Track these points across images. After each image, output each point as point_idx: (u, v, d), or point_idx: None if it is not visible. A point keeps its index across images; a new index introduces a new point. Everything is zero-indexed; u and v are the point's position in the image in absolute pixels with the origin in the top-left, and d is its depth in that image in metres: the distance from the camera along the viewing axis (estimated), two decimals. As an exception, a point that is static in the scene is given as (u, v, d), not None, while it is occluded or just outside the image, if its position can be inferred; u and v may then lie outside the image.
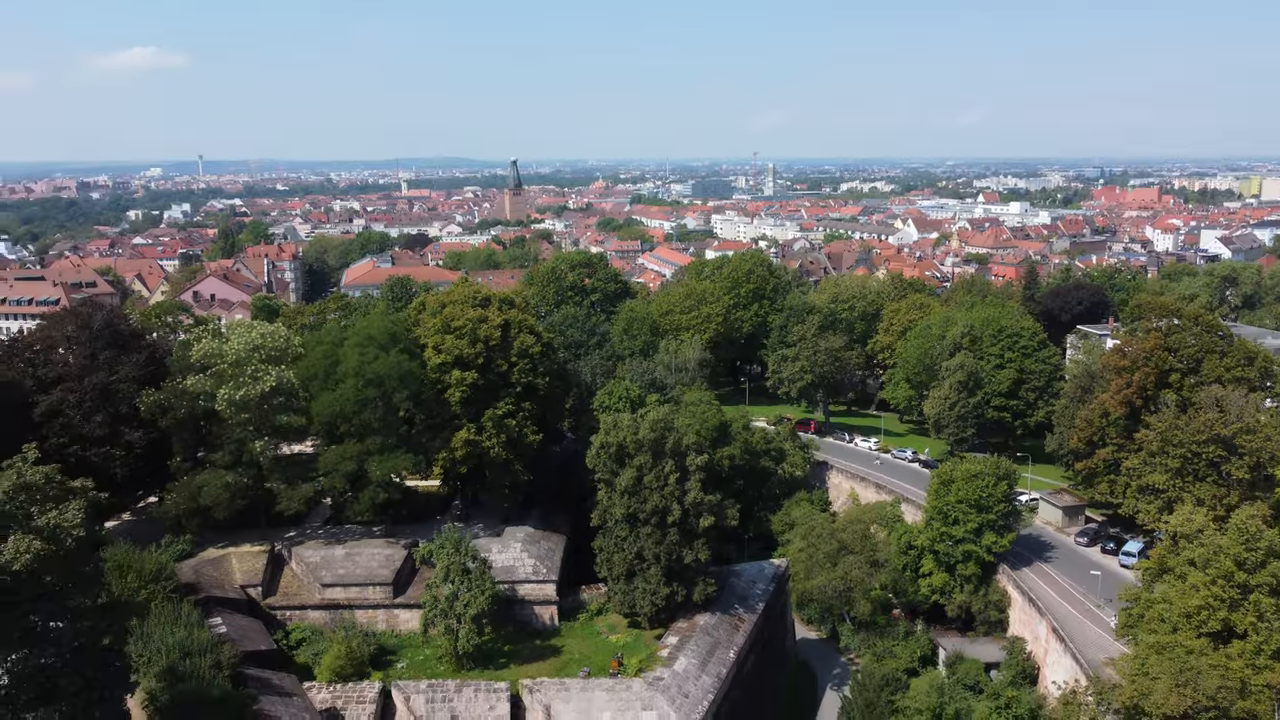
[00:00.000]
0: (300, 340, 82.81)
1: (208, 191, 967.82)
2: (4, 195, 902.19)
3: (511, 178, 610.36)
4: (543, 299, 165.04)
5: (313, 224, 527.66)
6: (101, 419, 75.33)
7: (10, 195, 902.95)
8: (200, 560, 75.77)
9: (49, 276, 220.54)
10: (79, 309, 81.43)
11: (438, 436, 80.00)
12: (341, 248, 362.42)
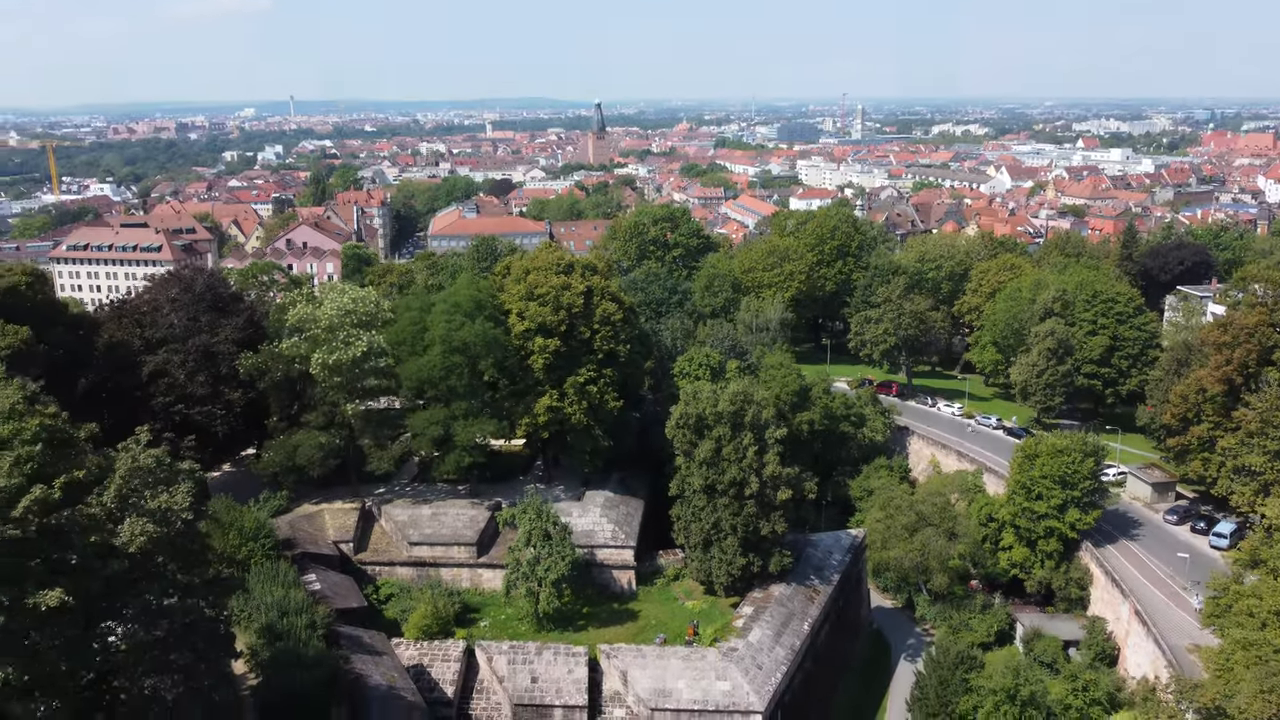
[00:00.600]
0: (390, 305, 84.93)
1: (299, 132, 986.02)
2: (109, 136, 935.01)
3: (595, 122, 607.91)
4: (625, 254, 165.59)
5: (400, 167, 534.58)
6: (204, 379, 78.90)
7: (114, 136, 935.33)
8: (296, 516, 79.35)
9: (151, 223, 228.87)
10: (182, 272, 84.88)
11: (521, 402, 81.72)
12: (428, 193, 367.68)
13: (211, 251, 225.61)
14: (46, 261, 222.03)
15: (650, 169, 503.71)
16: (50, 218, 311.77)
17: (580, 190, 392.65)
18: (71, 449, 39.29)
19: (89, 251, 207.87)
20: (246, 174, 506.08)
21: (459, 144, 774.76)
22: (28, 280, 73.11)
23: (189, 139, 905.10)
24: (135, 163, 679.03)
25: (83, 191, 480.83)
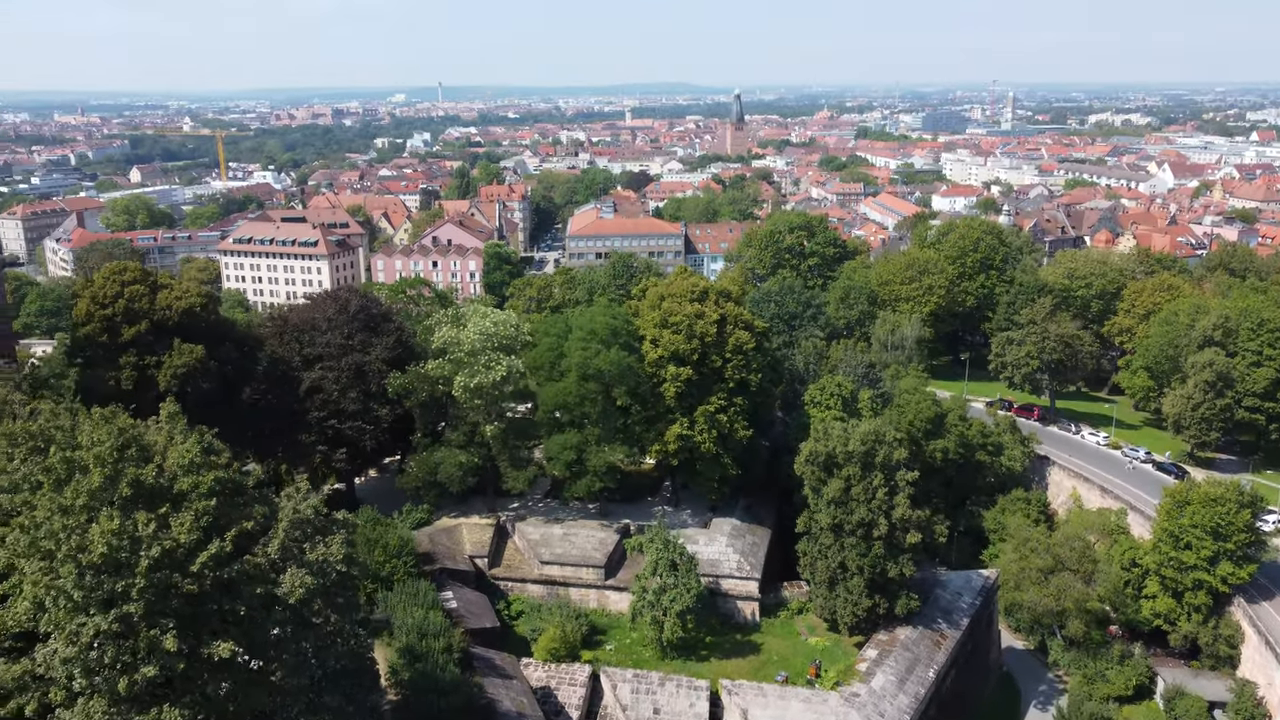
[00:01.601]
0: (529, 328, 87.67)
1: (445, 119, 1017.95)
2: (271, 122, 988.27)
3: (734, 112, 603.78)
4: (760, 262, 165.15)
5: (540, 157, 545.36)
6: (355, 395, 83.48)
7: (276, 122, 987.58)
8: (436, 529, 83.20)
9: (309, 217, 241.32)
10: (338, 293, 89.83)
11: (652, 428, 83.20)
12: (567, 184, 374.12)
13: (363, 246, 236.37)
14: (215, 252, 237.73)
15: (788, 161, 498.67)
16: (218, 206, 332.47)
17: (717, 184, 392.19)
18: (241, 497, 42.68)
19: (252, 245, 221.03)
20: (396, 162, 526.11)
21: (598, 132, 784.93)
22: (203, 302, 78.82)
23: (343, 125, 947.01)
24: (294, 149, 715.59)
25: (247, 178, 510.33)
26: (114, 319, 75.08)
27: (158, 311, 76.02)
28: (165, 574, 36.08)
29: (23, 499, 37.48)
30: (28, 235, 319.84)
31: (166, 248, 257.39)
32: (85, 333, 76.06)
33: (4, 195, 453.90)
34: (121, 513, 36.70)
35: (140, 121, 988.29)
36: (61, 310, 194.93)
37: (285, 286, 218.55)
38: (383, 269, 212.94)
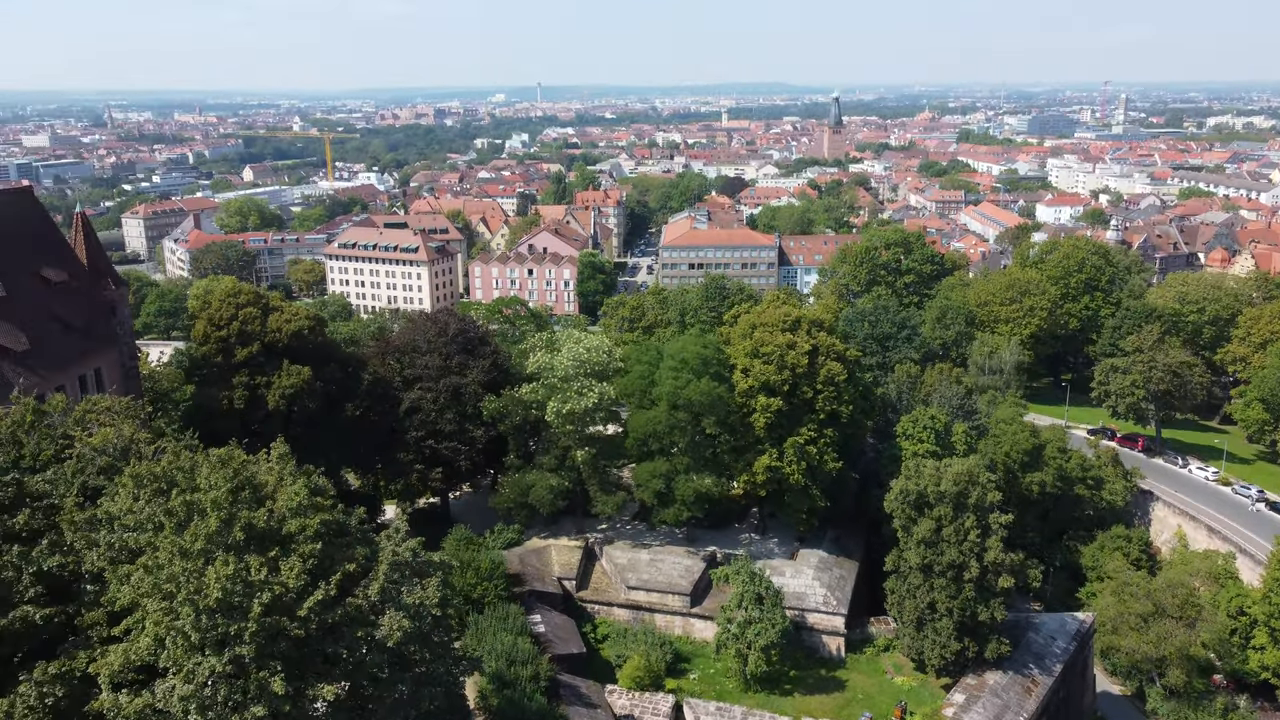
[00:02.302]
0: (620, 354, 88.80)
1: (544, 119, 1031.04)
2: (376, 122, 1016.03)
3: (832, 115, 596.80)
4: (854, 279, 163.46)
5: (636, 160, 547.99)
6: (452, 416, 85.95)
7: (380, 122, 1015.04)
8: (526, 549, 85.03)
9: (410, 223, 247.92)
10: (438, 316, 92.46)
11: (741, 458, 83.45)
12: (662, 189, 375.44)
13: (461, 252, 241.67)
14: (321, 255, 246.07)
15: (886, 166, 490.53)
16: (324, 208, 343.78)
17: (812, 189, 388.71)
18: (344, 537, 44.59)
19: (356, 250, 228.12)
20: (494, 164, 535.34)
21: (694, 134, 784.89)
22: (310, 325, 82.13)
23: (445, 124, 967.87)
24: (397, 149, 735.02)
25: (352, 178, 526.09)
26: (228, 340, 78.85)
27: (269, 334, 79.51)
28: (275, 618, 38.02)
29: (147, 539, 39.90)
30: (148, 233, 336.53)
31: (275, 249, 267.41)
32: (202, 353, 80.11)
33: (127, 194, 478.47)
34: (235, 556, 38.80)
35: (253, 121, 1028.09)
36: (177, 311, 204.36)
37: (386, 291, 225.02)
38: (479, 276, 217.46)
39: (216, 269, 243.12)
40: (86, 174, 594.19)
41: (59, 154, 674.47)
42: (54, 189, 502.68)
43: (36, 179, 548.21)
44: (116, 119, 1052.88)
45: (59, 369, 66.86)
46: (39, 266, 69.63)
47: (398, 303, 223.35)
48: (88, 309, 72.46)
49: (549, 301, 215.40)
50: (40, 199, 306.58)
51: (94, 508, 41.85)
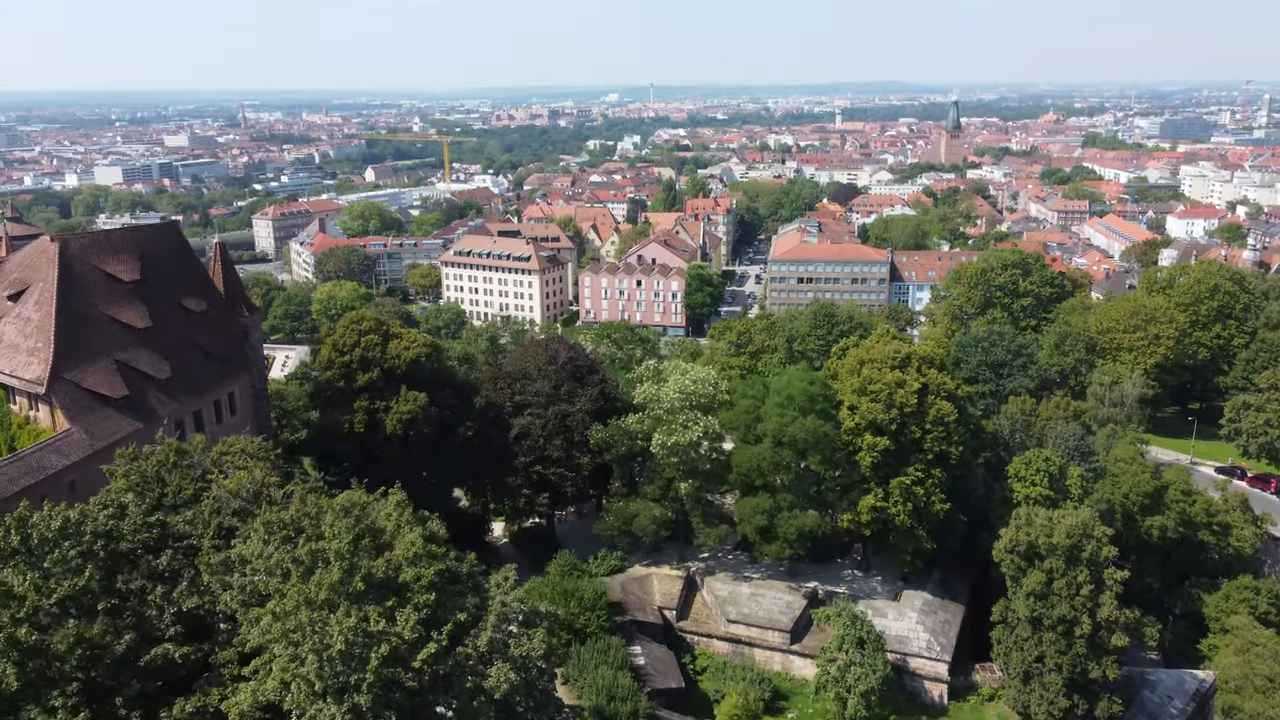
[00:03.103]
0: (727, 386, 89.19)
1: (656, 120, 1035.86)
2: (492, 122, 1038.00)
3: (949, 119, 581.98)
4: (969, 300, 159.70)
5: (747, 164, 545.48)
6: (560, 443, 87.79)
7: (496, 122, 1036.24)
8: (628, 577, 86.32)
9: (523, 229, 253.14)
10: (549, 343, 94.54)
11: (845, 497, 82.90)
12: (772, 195, 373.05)
13: (571, 261, 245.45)
14: (437, 261, 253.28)
15: (1006, 172, 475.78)
16: (442, 212, 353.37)
17: (927, 196, 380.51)
18: (456, 585, 46.47)
19: (471, 258, 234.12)
20: (606, 166, 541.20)
21: (806, 135, 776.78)
22: (427, 352, 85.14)
23: (558, 125, 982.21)
24: (512, 150, 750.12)
25: (469, 180, 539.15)
26: (351, 366, 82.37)
27: (388, 360, 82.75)
28: (391, 670, 40.03)
29: (275, 585, 42.44)
30: (276, 234, 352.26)
31: (394, 254, 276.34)
32: (326, 378, 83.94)
33: (258, 193, 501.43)
34: (356, 607, 40.95)
35: (376, 121, 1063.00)
36: (302, 314, 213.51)
37: (499, 299, 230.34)
38: (589, 286, 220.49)
39: (338, 273, 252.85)
40: (221, 173, 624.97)
41: (196, 153, 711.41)
42: (191, 188, 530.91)
43: (176, 177, 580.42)
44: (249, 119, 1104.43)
45: (197, 395, 71.14)
46: (181, 297, 74.17)
47: (509, 310, 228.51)
48: (224, 336, 76.83)
49: (656, 313, 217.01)
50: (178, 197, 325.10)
51: (228, 550, 44.71)
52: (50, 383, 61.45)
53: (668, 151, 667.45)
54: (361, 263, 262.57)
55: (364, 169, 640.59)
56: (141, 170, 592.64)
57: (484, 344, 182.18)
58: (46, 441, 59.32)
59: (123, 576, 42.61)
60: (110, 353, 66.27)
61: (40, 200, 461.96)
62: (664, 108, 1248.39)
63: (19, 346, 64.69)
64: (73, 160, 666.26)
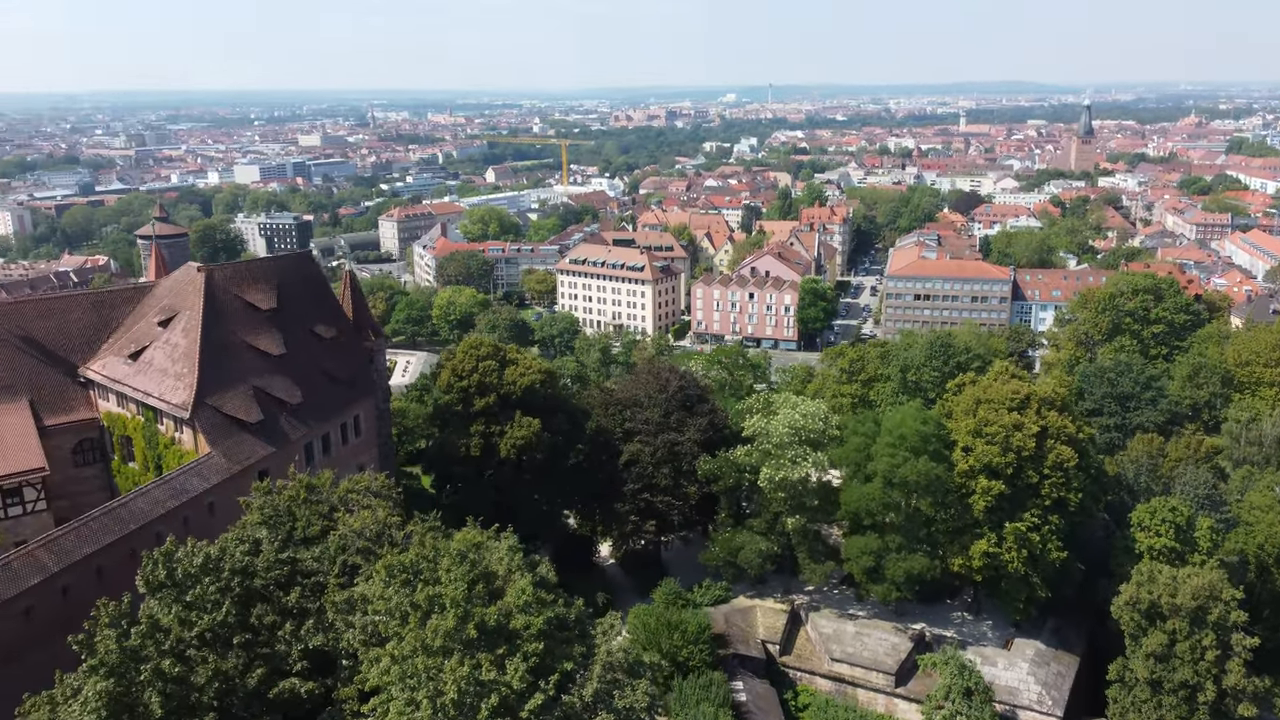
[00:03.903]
0: (837, 421, 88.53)
1: (773, 122, 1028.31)
2: (610, 123, 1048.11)
3: (1081, 124, 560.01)
4: (1095, 326, 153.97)
5: (865, 169, 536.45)
6: (668, 471, 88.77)
7: (614, 123, 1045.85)
8: (732, 608, 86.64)
9: (638, 238, 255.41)
10: (660, 371, 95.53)
11: (956, 541, 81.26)
12: (891, 204, 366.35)
13: (685, 271, 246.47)
14: (553, 268, 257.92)
15: (1141, 180, 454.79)
16: (559, 217, 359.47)
17: (1054, 206, 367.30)
18: (564, 631, 47.80)
19: (585, 266, 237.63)
20: (721, 170, 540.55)
21: (928, 138, 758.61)
22: (542, 379, 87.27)
23: (675, 127, 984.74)
24: (629, 151, 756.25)
25: (585, 183, 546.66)
26: (469, 390, 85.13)
27: (505, 386, 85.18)
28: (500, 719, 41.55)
29: (394, 627, 44.52)
30: (400, 235, 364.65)
31: (512, 259, 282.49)
32: (445, 401, 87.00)
33: (384, 193, 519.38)
34: (469, 655, 42.65)
35: (497, 121, 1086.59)
36: (423, 319, 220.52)
37: (611, 307, 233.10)
38: (700, 297, 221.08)
39: (458, 277, 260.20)
40: (350, 172, 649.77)
41: (327, 153, 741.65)
42: (322, 187, 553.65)
43: (308, 176, 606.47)
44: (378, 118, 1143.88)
45: (325, 419, 74.78)
46: (313, 324, 78.04)
47: (621, 319, 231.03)
48: (351, 361, 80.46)
49: (768, 326, 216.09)
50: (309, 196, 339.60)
51: (351, 589, 47.11)
52: (194, 408, 65.65)
53: (784, 154, 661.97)
54: (480, 268, 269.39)
55: (485, 169, 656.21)
56: (276, 169, 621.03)
57: (596, 355, 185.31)
58: (189, 465, 63.41)
59: (256, 611, 45.36)
60: (248, 379, 70.28)
61: (185, 198, 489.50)
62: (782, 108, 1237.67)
63: (167, 371, 69.25)
64: (214, 159, 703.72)
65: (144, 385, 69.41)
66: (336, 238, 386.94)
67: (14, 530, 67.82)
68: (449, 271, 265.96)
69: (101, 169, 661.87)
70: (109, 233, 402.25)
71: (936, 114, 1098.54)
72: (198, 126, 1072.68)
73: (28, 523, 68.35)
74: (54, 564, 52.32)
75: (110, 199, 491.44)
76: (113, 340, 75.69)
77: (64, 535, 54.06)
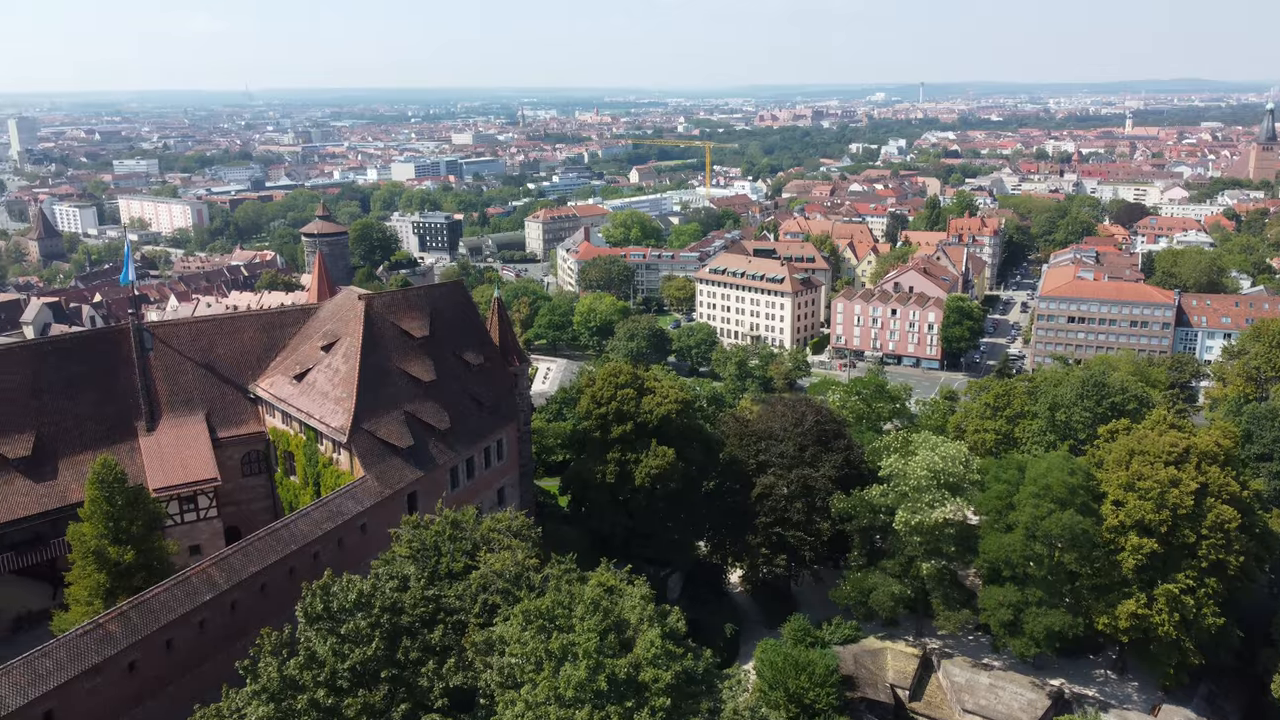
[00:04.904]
0: (979, 464, 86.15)
1: (923, 122, 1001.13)
2: (755, 123, 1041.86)
3: (1263, 128, 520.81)
4: (1268, 362, 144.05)
5: (1020, 175, 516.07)
6: (800, 506, 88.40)
7: (759, 123, 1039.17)
8: (861, 649, 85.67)
9: (778, 250, 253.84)
10: (796, 404, 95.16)
11: (1102, 599, 77.92)
12: (1046, 215, 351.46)
13: (825, 284, 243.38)
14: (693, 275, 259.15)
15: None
16: (700, 223, 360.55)
17: (1229, 219, 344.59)
18: (693, 685, 48.63)
19: (725, 276, 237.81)
20: (867, 173, 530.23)
21: (1090, 142, 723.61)
22: (679, 409, 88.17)
23: (821, 127, 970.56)
24: (773, 152, 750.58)
25: (728, 185, 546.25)
26: (606, 418, 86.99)
27: (642, 414, 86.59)
28: (626, 775, 42.75)
29: (529, 673, 46.34)
30: (545, 236, 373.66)
31: (652, 264, 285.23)
32: (584, 427, 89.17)
33: (530, 193, 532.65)
34: (598, 707, 44.01)
35: (642, 120, 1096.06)
36: (564, 324, 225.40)
37: (750, 318, 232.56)
38: (841, 312, 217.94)
39: (598, 283, 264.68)
40: (499, 171, 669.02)
41: (478, 151, 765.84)
42: (472, 186, 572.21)
43: (460, 175, 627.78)
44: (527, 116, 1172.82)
45: (471, 444, 77.84)
46: (462, 350, 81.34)
47: (759, 330, 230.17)
48: (496, 387, 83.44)
49: (910, 344, 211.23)
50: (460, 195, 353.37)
51: (490, 629, 49.24)
52: (351, 433, 69.54)
53: (934, 158, 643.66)
54: (621, 273, 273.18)
55: (629, 169, 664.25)
56: (430, 167, 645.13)
57: (732, 368, 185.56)
58: (345, 489, 67.29)
59: (402, 647, 47.97)
60: (401, 404, 73.90)
61: (345, 194, 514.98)
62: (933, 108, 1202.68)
63: (328, 394, 73.57)
64: (373, 155, 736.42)
65: (307, 406, 73.93)
66: (484, 238, 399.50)
67: (189, 535, 73.68)
68: (590, 276, 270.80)
69: (271, 164, 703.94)
70: (276, 227, 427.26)
71: (1100, 115, 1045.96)
72: (358, 123, 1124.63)
73: (201, 528, 74.07)
74: (224, 581, 56.56)
75: (278, 194, 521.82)
76: (280, 359, 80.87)
77: (233, 554, 58.35)
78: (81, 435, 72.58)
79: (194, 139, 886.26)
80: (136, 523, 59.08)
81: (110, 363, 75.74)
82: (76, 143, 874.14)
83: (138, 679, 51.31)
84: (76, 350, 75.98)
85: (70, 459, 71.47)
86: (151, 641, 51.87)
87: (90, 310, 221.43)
